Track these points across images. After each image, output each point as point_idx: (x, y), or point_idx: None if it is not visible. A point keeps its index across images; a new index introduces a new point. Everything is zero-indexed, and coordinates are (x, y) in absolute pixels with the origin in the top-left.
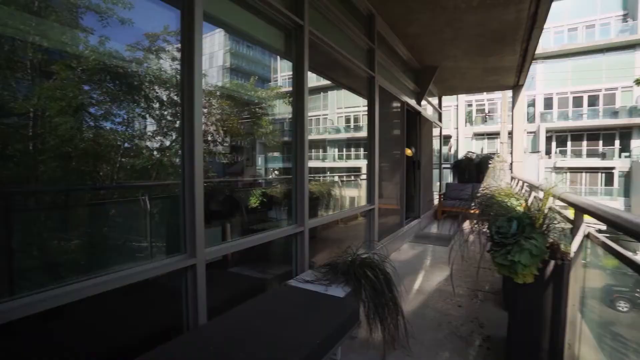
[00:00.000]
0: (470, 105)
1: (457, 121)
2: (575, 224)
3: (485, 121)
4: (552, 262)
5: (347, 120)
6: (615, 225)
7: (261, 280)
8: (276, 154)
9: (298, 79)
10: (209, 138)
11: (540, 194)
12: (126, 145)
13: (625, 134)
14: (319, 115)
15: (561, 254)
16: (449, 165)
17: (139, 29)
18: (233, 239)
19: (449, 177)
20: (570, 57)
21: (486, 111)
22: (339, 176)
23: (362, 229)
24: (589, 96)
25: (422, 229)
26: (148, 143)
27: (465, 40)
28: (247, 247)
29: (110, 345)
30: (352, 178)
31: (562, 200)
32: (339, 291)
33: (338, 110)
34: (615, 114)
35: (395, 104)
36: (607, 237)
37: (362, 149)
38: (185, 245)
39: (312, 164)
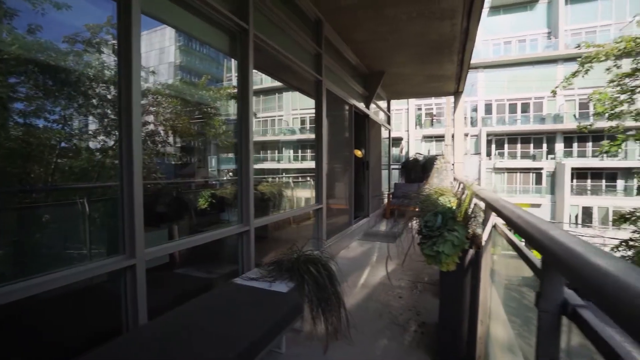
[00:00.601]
0: (419, 109)
1: (407, 124)
2: (486, 216)
3: (432, 124)
4: (470, 251)
5: (303, 122)
6: (508, 220)
7: (207, 280)
8: (230, 155)
9: (243, 81)
10: (157, 138)
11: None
12: (63, 145)
13: (551, 138)
14: (274, 117)
15: (478, 243)
16: (398, 166)
17: (74, 20)
18: (177, 239)
19: (398, 178)
20: (506, 68)
21: (433, 115)
22: (294, 177)
23: (312, 228)
24: (522, 103)
25: (371, 227)
26: (90, 143)
27: (408, 49)
28: (189, 246)
29: (44, 350)
30: (305, 179)
31: (477, 196)
32: (282, 287)
33: (293, 112)
34: (542, 120)
35: (344, 107)
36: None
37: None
38: (124, 246)
39: (266, 165)
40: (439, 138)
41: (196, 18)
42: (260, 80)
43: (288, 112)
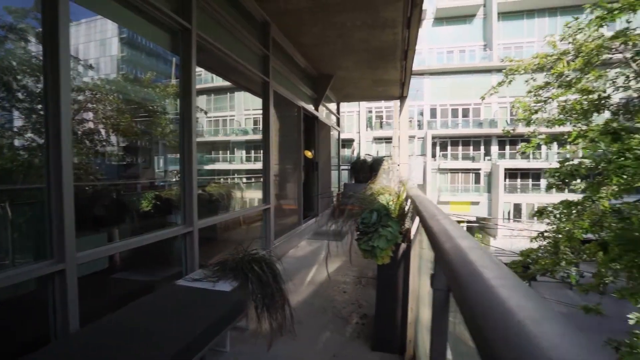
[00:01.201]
0: (370, 111)
1: (359, 126)
2: (414, 212)
3: (382, 127)
4: (402, 245)
5: (255, 122)
6: (421, 217)
7: (150, 283)
8: (179, 155)
9: (185, 81)
10: (97, 137)
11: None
12: None
13: (487, 141)
14: (226, 116)
15: (409, 237)
16: (348, 167)
17: None
18: (113, 242)
19: (348, 178)
20: (449, 75)
21: (383, 117)
22: (247, 177)
23: (261, 229)
24: (462, 109)
25: (320, 227)
26: (15, 140)
27: (355, 54)
28: (125, 249)
29: None
30: (257, 180)
31: (408, 194)
32: (226, 286)
33: (246, 112)
34: (480, 124)
35: (292, 109)
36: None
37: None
38: (52, 251)
39: (218, 166)
40: (389, 140)
41: (135, 14)
42: (212, 78)
43: (240, 112)
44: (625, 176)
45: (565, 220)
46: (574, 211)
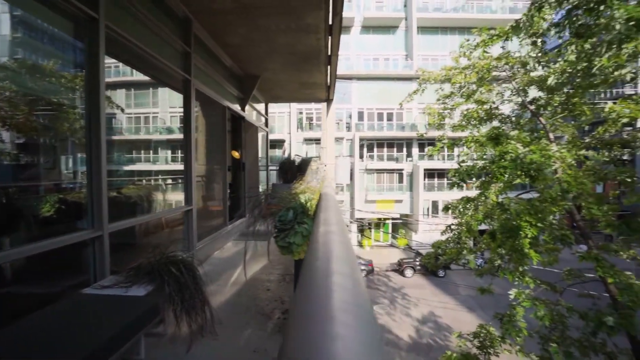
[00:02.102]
0: (301, 112)
1: (290, 127)
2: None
3: (310, 127)
4: None
5: (182, 121)
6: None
7: (48, 295)
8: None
9: (92, 74)
10: None
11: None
12: None
13: (409, 143)
14: (149, 113)
15: None
16: (276, 167)
17: None
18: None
19: (277, 178)
20: (375, 81)
21: (314, 119)
22: (172, 178)
23: (183, 231)
24: (387, 113)
25: (248, 227)
26: None
27: (281, 56)
28: (12, 259)
29: None
30: (181, 181)
31: (319, 194)
32: (140, 291)
33: (171, 110)
34: (403, 128)
35: (217, 108)
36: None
37: (197, 151)
38: None
39: (139, 166)
40: (319, 141)
41: None
42: (131, 72)
43: (165, 110)
44: (506, 175)
45: (465, 214)
46: (471, 206)
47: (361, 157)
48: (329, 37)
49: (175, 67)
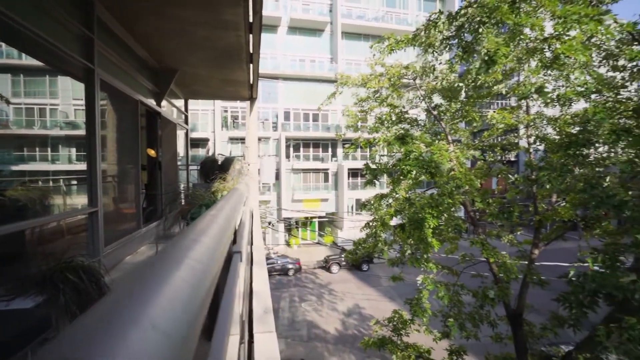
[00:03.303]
0: (226, 110)
1: (214, 125)
2: (247, 207)
3: (234, 126)
4: None
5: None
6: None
7: None
8: None
9: None
10: None
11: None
12: None
13: (334, 144)
14: (45, 105)
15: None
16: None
17: None
18: None
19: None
20: (302, 81)
21: (239, 117)
22: (77, 179)
23: (88, 235)
24: (313, 114)
25: (167, 229)
26: None
27: (201, 51)
28: None
29: None
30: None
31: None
32: (26, 303)
33: (75, 102)
34: (328, 128)
35: (128, 102)
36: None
37: (104, 148)
38: None
39: (33, 166)
40: (244, 140)
41: None
42: (19, 55)
43: (67, 102)
44: (413, 172)
45: (379, 210)
46: (384, 202)
47: (287, 157)
48: (250, 35)
49: (74, 53)
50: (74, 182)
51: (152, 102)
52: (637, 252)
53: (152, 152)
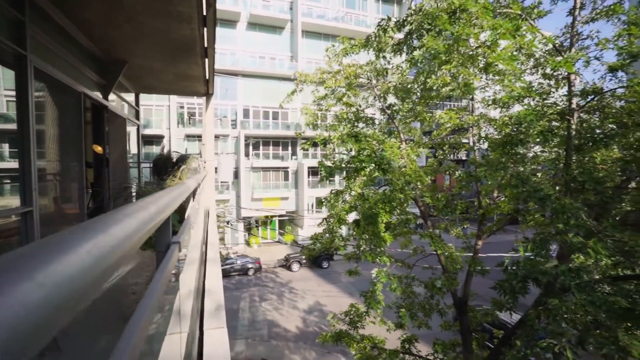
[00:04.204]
0: (182, 107)
1: (169, 122)
2: (200, 204)
3: (191, 123)
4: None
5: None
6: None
7: None
8: None
9: None
10: None
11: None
12: None
13: (294, 142)
14: None
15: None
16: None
17: None
18: None
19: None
20: (261, 79)
21: (196, 114)
22: (7, 177)
23: (21, 239)
24: (272, 112)
25: None
26: None
27: (153, 43)
28: None
29: None
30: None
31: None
32: None
33: (7, 93)
34: (288, 127)
35: (70, 95)
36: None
37: (42, 144)
38: None
39: None
40: (201, 137)
41: None
42: None
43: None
44: (367, 169)
45: (335, 206)
46: (340, 199)
47: (247, 155)
48: (204, 28)
49: (2, 37)
50: (6, 180)
51: (98, 95)
52: (560, 240)
53: (98, 149)
